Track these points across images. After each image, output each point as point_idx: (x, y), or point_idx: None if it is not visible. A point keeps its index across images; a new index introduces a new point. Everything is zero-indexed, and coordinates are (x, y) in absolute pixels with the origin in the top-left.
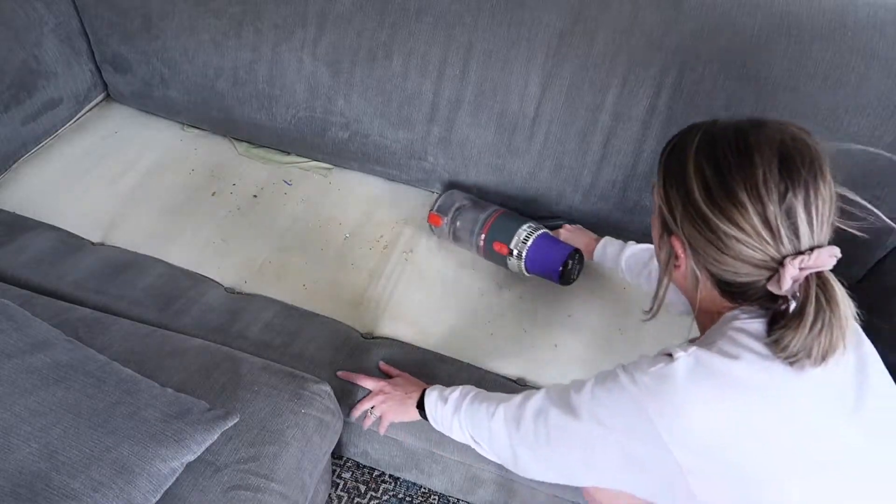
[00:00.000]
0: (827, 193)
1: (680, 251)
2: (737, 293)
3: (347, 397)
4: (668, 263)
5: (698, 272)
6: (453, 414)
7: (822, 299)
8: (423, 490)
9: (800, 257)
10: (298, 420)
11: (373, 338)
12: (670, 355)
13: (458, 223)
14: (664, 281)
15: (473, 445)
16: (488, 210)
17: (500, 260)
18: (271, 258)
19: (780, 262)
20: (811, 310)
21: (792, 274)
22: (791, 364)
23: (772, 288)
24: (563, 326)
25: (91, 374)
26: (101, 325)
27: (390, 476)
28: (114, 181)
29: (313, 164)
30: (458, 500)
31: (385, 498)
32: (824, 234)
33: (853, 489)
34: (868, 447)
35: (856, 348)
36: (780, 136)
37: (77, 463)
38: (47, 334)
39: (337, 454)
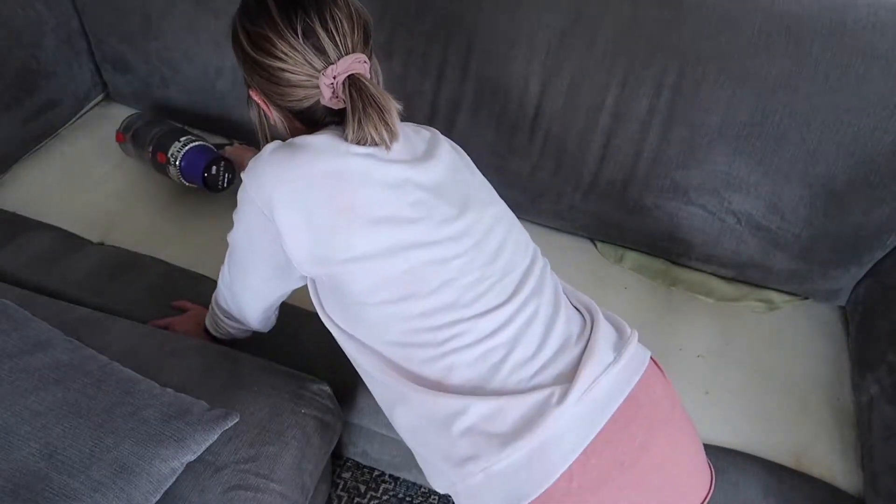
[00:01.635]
0: (346, 11)
1: (260, 101)
2: (312, 119)
3: (348, 397)
4: (260, 118)
5: (279, 114)
6: (211, 307)
7: (356, 96)
8: (423, 490)
9: (329, 68)
10: (298, 420)
11: None
12: None
13: (135, 139)
14: (266, 137)
15: (225, 323)
16: (161, 126)
17: (164, 170)
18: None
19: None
20: (349, 106)
21: (326, 83)
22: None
23: (324, 103)
24: None
25: (91, 374)
26: (101, 325)
27: (390, 476)
28: (113, 181)
29: None
30: None
31: (385, 498)
32: (350, 44)
33: (411, 236)
34: (434, 202)
35: (431, 142)
36: None
37: (77, 463)
38: (47, 334)
39: (337, 454)
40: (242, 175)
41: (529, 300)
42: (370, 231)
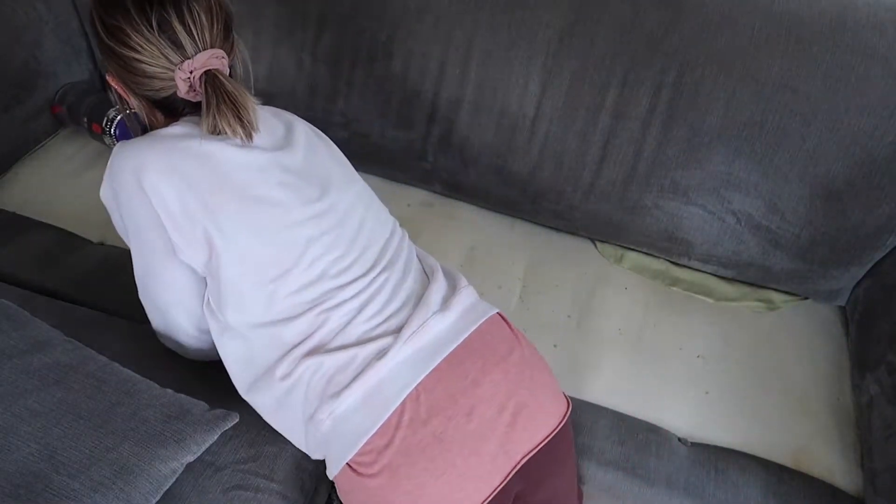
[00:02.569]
0: (204, 4)
1: (117, 86)
2: (170, 109)
3: None
4: (121, 103)
5: (138, 101)
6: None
7: (211, 92)
8: None
9: (185, 62)
10: None
11: None
12: None
13: (70, 110)
14: (131, 123)
15: (167, 342)
16: (94, 95)
17: (100, 139)
18: None
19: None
20: (204, 101)
21: (181, 77)
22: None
23: (180, 95)
24: None
25: (91, 375)
26: (101, 325)
27: None
28: None
29: None
30: None
31: None
32: (209, 38)
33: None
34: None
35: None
36: None
37: (77, 463)
38: (47, 334)
39: None
40: (107, 170)
41: (385, 270)
42: (243, 210)
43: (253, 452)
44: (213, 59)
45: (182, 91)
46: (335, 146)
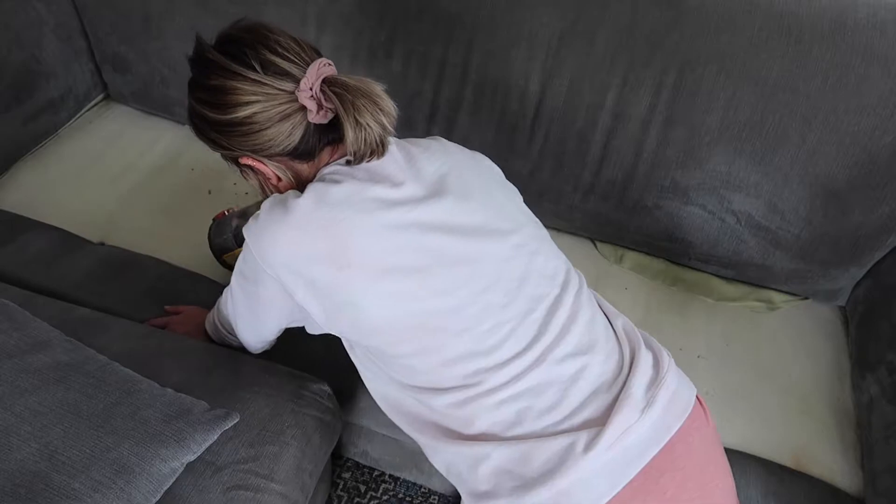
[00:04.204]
0: (286, 35)
1: (254, 163)
2: (307, 151)
3: (348, 397)
4: (261, 182)
5: (276, 165)
6: (213, 315)
7: (341, 92)
8: (423, 490)
9: (301, 82)
10: (298, 420)
11: None
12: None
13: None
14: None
15: (227, 337)
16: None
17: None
18: None
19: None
20: (339, 106)
21: (304, 98)
22: (369, 161)
23: (312, 119)
24: None
25: (91, 375)
26: (101, 325)
27: (390, 476)
28: (114, 181)
29: None
30: (459, 499)
31: (385, 498)
32: (307, 57)
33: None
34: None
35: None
36: (220, 33)
37: (77, 463)
38: (47, 334)
39: (337, 454)
40: (246, 236)
41: (558, 340)
42: (372, 286)
43: (253, 452)
44: (323, 67)
45: (314, 112)
46: (502, 177)
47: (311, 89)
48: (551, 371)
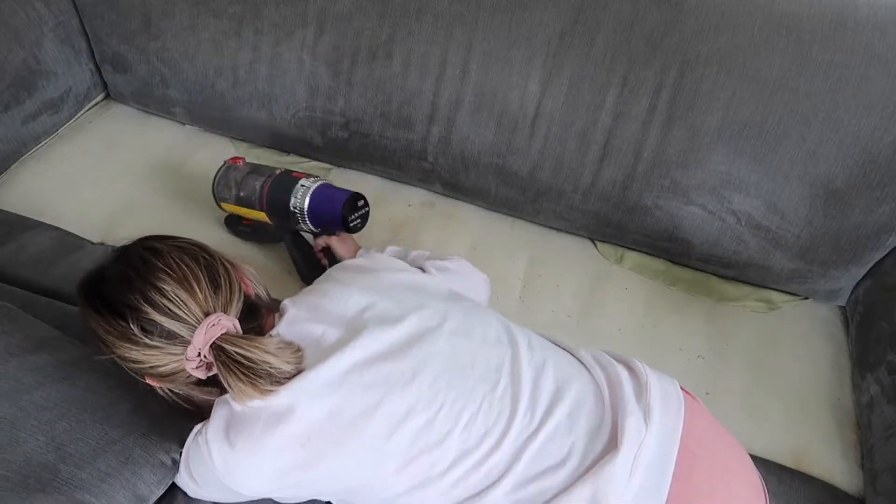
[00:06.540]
0: (175, 275)
1: (154, 383)
2: (209, 384)
3: None
4: (170, 398)
5: (188, 389)
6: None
7: (224, 361)
8: None
9: (188, 348)
10: None
11: None
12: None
13: (242, 195)
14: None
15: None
16: (264, 175)
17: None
18: (272, 258)
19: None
20: (222, 371)
21: (191, 366)
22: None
23: (199, 377)
24: None
25: (95, 371)
26: None
27: None
28: (114, 181)
29: (313, 164)
30: None
31: None
32: (193, 316)
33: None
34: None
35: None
36: (96, 279)
37: (84, 455)
38: (50, 335)
39: None
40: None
41: (536, 395)
42: (337, 450)
43: None
44: (213, 328)
45: (200, 375)
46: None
47: (199, 356)
48: (546, 425)
